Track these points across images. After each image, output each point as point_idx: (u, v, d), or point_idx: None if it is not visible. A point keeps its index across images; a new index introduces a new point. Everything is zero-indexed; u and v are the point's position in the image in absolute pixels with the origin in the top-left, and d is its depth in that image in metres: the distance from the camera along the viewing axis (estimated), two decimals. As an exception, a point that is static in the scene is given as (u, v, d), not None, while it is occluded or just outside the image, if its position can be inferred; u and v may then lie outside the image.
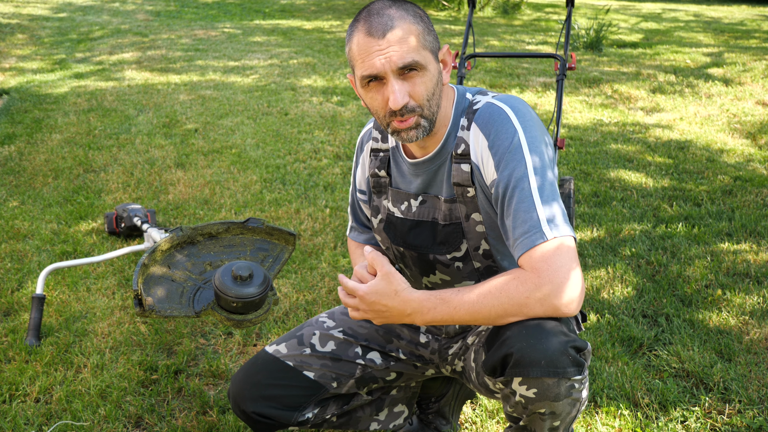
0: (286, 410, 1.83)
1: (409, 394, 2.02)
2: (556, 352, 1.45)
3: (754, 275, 3.08)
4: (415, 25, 1.56)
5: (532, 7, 12.73)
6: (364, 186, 1.88)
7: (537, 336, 1.46)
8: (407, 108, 1.56)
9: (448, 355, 1.85)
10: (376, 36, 1.53)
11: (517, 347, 1.46)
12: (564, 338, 1.46)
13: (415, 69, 1.55)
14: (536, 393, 1.48)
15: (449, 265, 1.73)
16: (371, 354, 1.89)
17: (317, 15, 11.53)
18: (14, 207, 3.89)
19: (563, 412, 1.51)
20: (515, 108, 1.60)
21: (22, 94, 6.37)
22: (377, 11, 1.56)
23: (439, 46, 1.62)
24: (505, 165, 1.54)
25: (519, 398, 1.51)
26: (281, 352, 1.87)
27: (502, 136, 1.56)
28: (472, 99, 1.68)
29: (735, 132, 5.30)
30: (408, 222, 1.75)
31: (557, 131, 3.35)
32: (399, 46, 1.53)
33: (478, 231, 1.66)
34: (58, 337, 2.64)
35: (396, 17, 1.54)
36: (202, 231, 2.17)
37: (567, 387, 1.47)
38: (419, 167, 1.71)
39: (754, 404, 2.24)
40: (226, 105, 6.01)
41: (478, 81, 6.77)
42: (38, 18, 10.74)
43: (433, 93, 1.58)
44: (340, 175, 4.35)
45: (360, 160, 1.88)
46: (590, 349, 1.53)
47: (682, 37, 9.65)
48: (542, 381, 1.46)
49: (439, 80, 1.61)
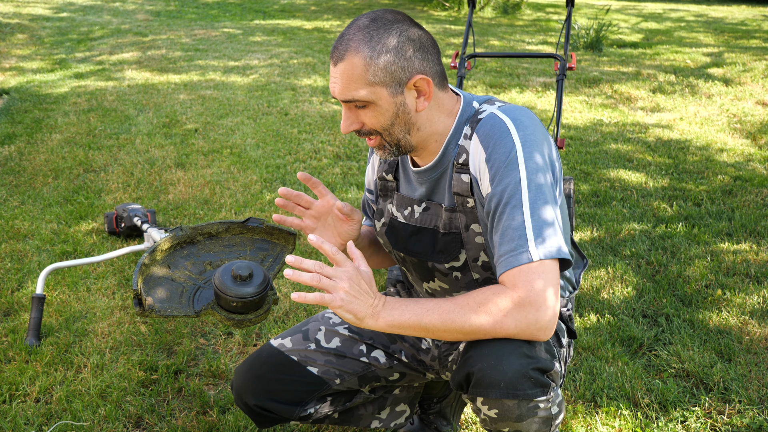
0: (289, 405, 1.83)
1: (412, 394, 2.02)
2: (516, 374, 1.43)
3: (754, 275, 3.08)
4: (367, 60, 1.51)
5: (532, 7, 12.73)
6: (373, 186, 1.88)
7: (497, 357, 1.44)
8: (361, 132, 1.59)
9: (447, 362, 1.85)
10: (333, 60, 1.55)
11: (478, 367, 1.46)
12: (525, 360, 1.45)
13: (361, 105, 1.55)
14: (497, 414, 1.48)
15: (447, 274, 1.72)
16: (375, 352, 1.89)
17: (317, 15, 11.53)
18: (14, 207, 3.89)
19: (530, 430, 1.51)
20: (517, 120, 1.55)
21: (22, 94, 6.37)
22: (345, 33, 1.54)
23: (408, 77, 1.54)
24: (499, 179, 1.51)
25: (483, 416, 1.52)
26: (286, 346, 1.87)
27: (499, 149, 1.53)
28: (479, 108, 1.64)
29: (735, 132, 5.30)
30: (410, 228, 1.74)
31: (557, 131, 3.35)
32: (341, 80, 1.53)
33: (477, 242, 1.65)
34: (58, 337, 2.64)
35: (352, 48, 1.51)
36: (202, 231, 2.17)
37: (530, 408, 1.46)
38: (422, 175, 1.70)
39: (754, 404, 2.24)
40: (226, 105, 6.01)
41: (478, 81, 6.77)
42: (38, 18, 10.74)
43: (390, 123, 1.56)
44: (340, 175, 4.36)
45: (371, 160, 1.89)
46: (558, 369, 1.52)
47: (683, 37, 9.65)
48: (502, 402, 1.45)
49: (403, 111, 1.56)
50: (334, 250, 1.47)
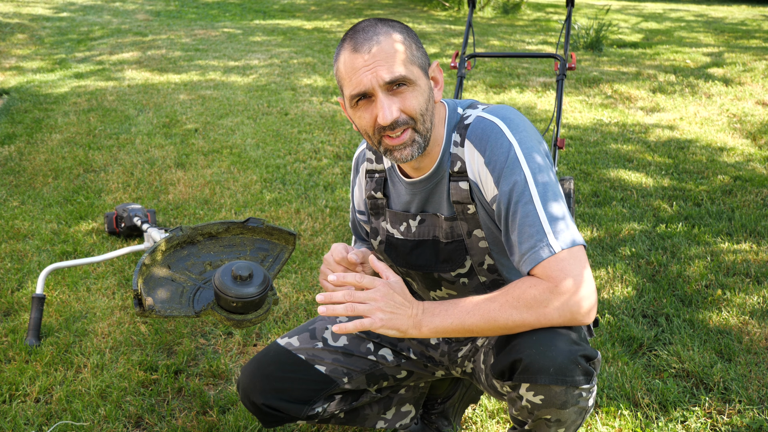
0: (297, 403, 1.83)
1: (417, 394, 2.02)
2: (566, 361, 1.44)
3: (754, 275, 3.08)
4: (402, 41, 1.53)
5: (532, 7, 12.73)
6: (363, 207, 1.87)
7: (547, 343, 1.45)
8: (398, 122, 1.52)
9: (457, 358, 1.85)
10: (362, 52, 1.50)
11: (527, 353, 1.46)
12: (574, 347, 1.46)
13: (404, 84, 1.52)
14: (543, 400, 1.47)
15: (454, 281, 1.72)
16: (383, 350, 1.88)
17: (317, 15, 11.53)
18: (14, 207, 3.89)
19: (569, 420, 1.51)
20: (507, 119, 1.57)
21: (22, 94, 6.37)
22: (363, 28, 1.53)
23: (428, 62, 1.59)
24: (504, 180, 1.52)
25: (525, 403, 1.50)
26: (293, 344, 1.87)
27: (497, 151, 1.53)
28: (463, 113, 1.64)
29: (735, 132, 5.30)
30: (409, 243, 1.73)
31: (557, 131, 3.35)
32: (386, 61, 1.50)
33: (480, 247, 1.65)
34: (58, 337, 2.64)
35: (382, 33, 1.52)
36: (202, 231, 2.17)
37: (575, 395, 1.47)
38: (416, 186, 1.68)
39: (754, 404, 2.24)
40: (226, 105, 6.01)
41: (478, 81, 6.77)
42: (38, 18, 10.74)
43: (425, 108, 1.55)
44: (340, 175, 4.35)
45: (357, 181, 1.86)
46: (600, 358, 1.52)
47: (683, 37, 9.65)
48: (550, 388, 1.46)
49: (431, 97, 1.57)
50: (358, 278, 1.50)
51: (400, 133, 1.54)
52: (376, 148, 1.59)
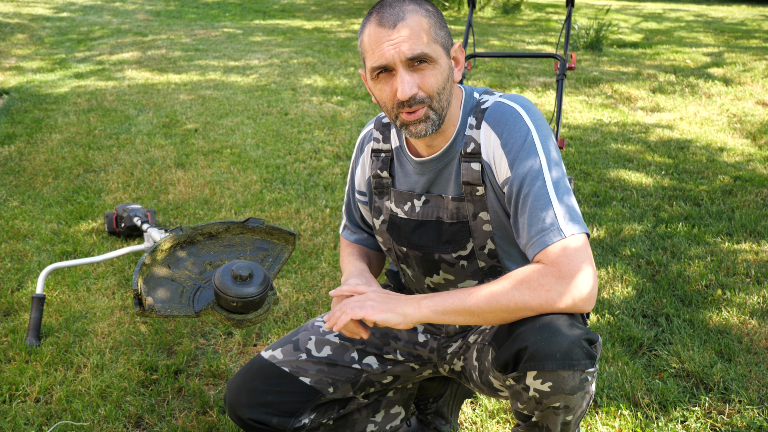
0: (283, 416, 1.82)
1: (406, 396, 2.01)
2: (571, 345, 1.45)
3: (754, 275, 3.08)
4: (427, 19, 1.57)
5: (532, 7, 12.73)
6: (364, 187, 1.88)
7: (551, 330, 1.46)
8: (416, 99, 1.56)
9: (447, 354, 1.85)
10: (387, 26, 1.54)
11: (532, 341, 1.46)
12: (577, 331, 1.47)
13: (425, 61, 1.55)
14: (551, 386, 1.47)
15: (454, 264, 1.73)
16: (368, 358, 1.88)
17: (317, 15, 11.53)
18: (14, 207, 3.89)
19: (576, 406, 1.51)
20: (525, 107, 1.61)
21: (22, 94, 6.37)
22: (390, 3, 1.57)
23: (451, 43, 1.63)
24: (519, 163, 1.55)
25: (533, 393, 1.50)
26: (277, 357, 1.86)
27: (515, 134, 1.57)
28: (480, 98, 1.69)
29: (735, 132, 5.30)
30: (412, 222, 1.75)
31: (557, 131, 3.35)
32: (409, 38, 1.54)
33: (484, 230, 1.67)
34: (58, 337, 2.64)
35: (408, 10, 1.56)
36: (202, 231, 2.18)
37: (581, 379, 1.47)
38: (425, 166, 1.71)
39: (754, 404, 2.24)
40: (226, 105, 6.01)
41: (478, 81, 6.77)
42: (38, 18, 10.74)
43: (443, 87, 1.58)
44: (340, 175, 4.35)
45: (360, 160, 1.88)
46: (601, 341, 1.54)
47: (683, 37, 9.65)
48: (557, 374, 1.46)
49: (450, 76, 1.61)
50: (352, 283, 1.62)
51: (416, 109, 1.58)
52: (393, 122, 1.63)
